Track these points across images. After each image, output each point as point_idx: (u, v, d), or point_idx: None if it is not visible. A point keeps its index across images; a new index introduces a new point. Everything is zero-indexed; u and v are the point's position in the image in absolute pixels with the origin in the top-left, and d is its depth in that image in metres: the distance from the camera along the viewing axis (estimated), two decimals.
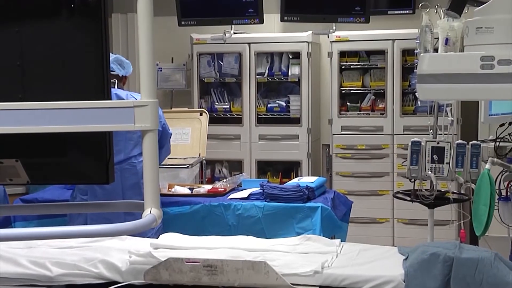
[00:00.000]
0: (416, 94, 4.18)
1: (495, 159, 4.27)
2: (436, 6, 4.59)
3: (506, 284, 2.68)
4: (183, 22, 6.77)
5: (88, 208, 3.60)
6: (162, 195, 4.24)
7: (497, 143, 4.40)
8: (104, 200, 3.74)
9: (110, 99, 2.08)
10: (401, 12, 6.68)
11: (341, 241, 3.33)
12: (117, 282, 2.73)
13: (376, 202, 6.59)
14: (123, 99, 4.19)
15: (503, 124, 4.41)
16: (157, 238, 3.21)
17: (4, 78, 2.06)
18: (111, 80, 4.10)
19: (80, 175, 2.28)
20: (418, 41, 4.70)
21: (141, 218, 2.02)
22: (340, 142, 6.77)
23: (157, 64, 7.11)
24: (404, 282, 2.69)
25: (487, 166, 4.14)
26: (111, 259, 2.82)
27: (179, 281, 2.66)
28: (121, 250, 2.94)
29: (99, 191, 4.04)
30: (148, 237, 3.41)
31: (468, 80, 2.16)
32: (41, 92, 2.01)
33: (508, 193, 4.42)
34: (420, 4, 5.00)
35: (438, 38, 4.75)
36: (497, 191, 4.33)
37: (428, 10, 4.80)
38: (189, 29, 6.89)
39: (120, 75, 4.64)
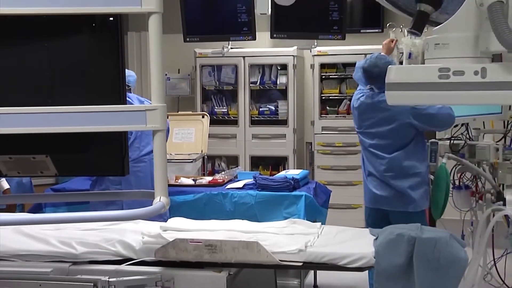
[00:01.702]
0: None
1: (450, 155, 4.29)
2: (401, 26, 4.60)
3: (459, 259, 2.69)
4: (188, 39, 6.81)
5: (107, 196, 3.61)
6: (169, 185, 4.20)
7: (452, 141, 4.41)
8: (137, 188, 3.76)
9: (126, 103, 2.07)
10: (372, 30, 6.69)
11: (322, 224, 3.33)
12: (132, 259, 2.73)
13: (351, 190, 6.60)
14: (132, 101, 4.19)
15: (457, 125, 4.42)
16: (166, 222, 3.20)
17: (36, 86, 2.05)
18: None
19: (100, 168, 2.28)
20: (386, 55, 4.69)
21: (152, 205, 2.02)
22: (321, 140, 6.78)
23: (166, 74, 7.09)
24: (374, 258, 2.70)
25: (444, 160, 4.15)
26: (127, 240, 2.81)
27: (184, 258, 2.66)
28: (135, 232, 2.93)
29: (133, 180, 4.00)
30: (158, 221, 3.41)
31: (428, 88, 2.16)
32: (67, 98, 2.01)
33: (460, 183, 4.44)
34: (388, 24, 5.02)
35: (403, 53, 4.76)
36: (452, 181, 4.35)
37: (394, 29, 4.80)
38: (193, 45, 6.90)
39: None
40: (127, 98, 4.22)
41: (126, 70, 4.59)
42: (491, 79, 2.05)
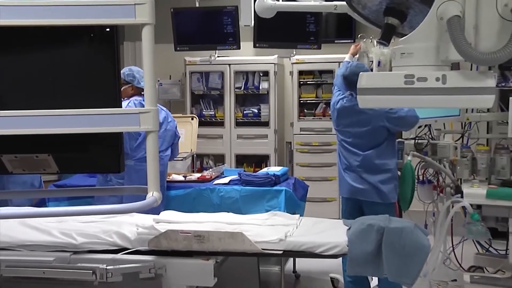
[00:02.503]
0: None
1: (415, 153, 4.32)
2: (371, 37, 4.61)
3: (423, 246, 2.71)
4: (178, 48, 6.81)
5: (105, 191, 3.59)
6: None
7: (416, 141, 4.44)
8: (139, 183, 3.75)
9: (121, 107, 2.06)
10: (345, 41, 6.71)
11: (300, 216, 3.35)
12: (127, 249, 2.72)
13: (326, 185, 6.62)
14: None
15: (420, 126, 4.45)
16: (158, 214, 3.20)
17: (39, 91, 2.04)
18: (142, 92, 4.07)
19: (98, 166, 2.27)
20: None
21: (145, 199, 2.02)
22: (299, 140, 6.80)
23: (158, 80, 7.08)
24: (347, 246, 2.71)
25: (409, 158, 4.18)
26: (123, 231, 2.80)
27: (175, 248, 2.66)
28: (130, 224, 2.92)
29: (134, 175, 3.98)
30: (151, 214, 3.40)
31: (395, 92, 2.17)
32: (68, 101, 2.00)
33: (424, 178, 4.48)
34: (359, 35, 5.03)
35: (373, 61, 4.78)
36: (416, 176, 4.38)
37: (365, 40, 4.82)
38: (183, 53, 6.90)
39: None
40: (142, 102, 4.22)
41: (135, 67, 4.45)
42: (450, 85, 2.06)
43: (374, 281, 4.22)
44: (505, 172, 4.29)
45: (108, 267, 2.54)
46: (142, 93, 4.15)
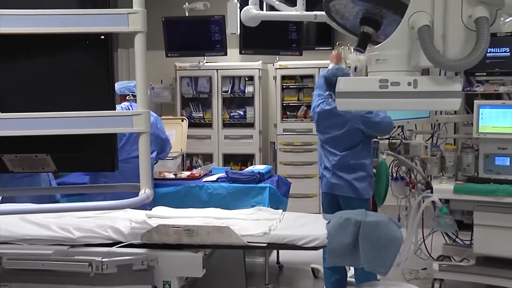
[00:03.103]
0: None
1: (389, 152, 4.35)
2: (348, 44, 4.63)
3: (396, 238, 2.72)
4: (169, 54, 6.81)
5: (99, 189, 3.57)
6: (154, 179, 4.21)
7: (390, 140, 4.47)
8: (119, 182, 3.74)
9: (115, 109, 2.06)
10: (324, 48, 6.73)
11: (283, 211, 3.34)
12: (121, 242, 2.71)
13: (307, 182, 6.64)
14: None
15: (394, 127, 4.48)
16: (150, 210, 3.18)
17: (38, 94, 2.03)
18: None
19: (93, 165, 2.26)
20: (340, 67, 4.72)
21: (138, 196, 2.01)
22: (282, 140, 6.81)
23: (151, 85, 7.07)
24: (327, 239, 2.71)
25: (384, 156, 4.21)
26: (117, 225, 2.79)
27: (166, 241, 2.65)
28: (124, 219, 2.91)
29: (118, 176, 3.95)
30: (144, 209, 3.38)
31: (370, 96, 2.18)
32: (65, 104, 1.99)
33: (397, 175, 4.51)
34: (337, 43, 5.05)
35: (350, 66, 4.80)
36: (390, 174, 4.41)
37: (342, 47, 4.84)
38: (173, 59, 6.89)
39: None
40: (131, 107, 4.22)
41: (130, 81, 4.51)
42: (421, 89, 2.08)
43: (351, 270, 4.25)
44: (470, 169, 4.34)
45: (103, 260, 2.53)
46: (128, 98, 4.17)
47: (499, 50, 4.31)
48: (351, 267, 4.16)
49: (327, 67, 4.45)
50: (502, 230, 4.08)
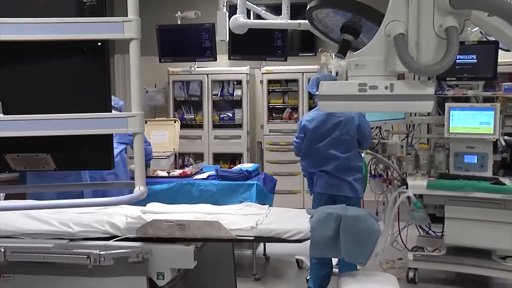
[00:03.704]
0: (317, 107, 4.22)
1: (368, 150, 4.37)
2: (330, 51, 4.66)
3: (374, 231, 2.74)
4: (162, 60, 6.80)
5: (97, 186, 3.55)
6: (147, 176, 4.18)
7: None
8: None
9: (111, 111, 2.05)
10: (307, 54, 6.76)
11: (269, 206, 3.34)
12: (117, 236, 2.70)
13: (292, 179, 6.66)
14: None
15: (372, 128, 4.50)
16: (145, 206, 3.17)
17: (38, 98, 2.02)
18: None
19: (91, 163, 2.25)
20: (318, 73, 4.74)
21: (133, 193, 2.01)
22: (269, 140, 6.82)
23: (145, 88, 7.05)
24: (310, 232, 2.72)
25: (363, 155, 4.23)
26: (114, 220, 2.78)
27: (160, 235, 2.64)
28: (120, 214, 2.90)
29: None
30: (138, 205, 3.37)
31: (350, 99, 2.18)
32: (64, 107, 1.98)
33: (375, 172, 4.54)
34: (320, 49, 5.07)
35: (331, 71, 4.81)
36: (369, 171, 4.44)
37: (325, 53, 4.86)
38: (166, 65, 6.87)
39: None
40: None
41: (114, 98, 4.47)
42: (397, 92, 2.09)
43: (334, 261, 4.26)
44: (442, 167, 4.38)
45: (100, 253, 2.51)
46: None
47: (467, 57, 4.35)
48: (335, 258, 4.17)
49: (309, 72, 4.46)
50: (470, 222, 4.13)
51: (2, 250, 2.53)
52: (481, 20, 2.06)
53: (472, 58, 4.35)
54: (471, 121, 4.27)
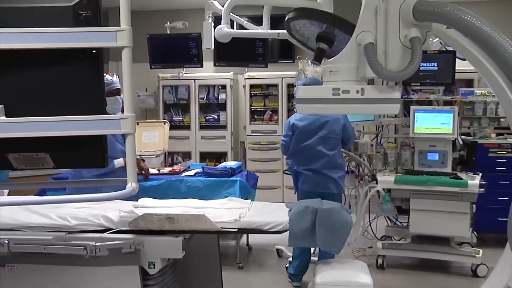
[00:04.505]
0: (295, 110, 4.24)
1: (341, 149, 4.39)
2: (306, 58, 4.67)
3: (347, 222, 2.75)
4: (153, 66, 6.76)
5: (92, 183, 3.51)
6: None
7: None
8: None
9: (105, 114, 2.03)
10: (286, 61, 6.78)
11: (251, 200, 3.34)
12: (112, 229, 2.67)
13: (272, 176, 6.67)
14: None
15: None
16: (137, 201, 3.15)
17: (38, 101, 2.00)
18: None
19: (87, 162, 2.23)
20: (296, 79, 4.76)
21: (125, 189, 2.00)
22: (251, 140, 6.83)
23: (137, 92, 7.00)
24: (289, 224, 2.72)
25: None
26: (108, 214, 2.75)
27: (150, 228, 2.62)
28: (114, 209, 2.87)
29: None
30: (131, 201, 3.35)
31: (325, 102, 2.19)
32: (62, 109, 1.96)
33: (348, 169, 4.57)
34: (297, 57, 5.09)
35: (308, 77, 4.82)
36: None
37: (302, 60, 4.88)
38: (157, 71, 6.84)
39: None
40: None
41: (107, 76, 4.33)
42: (367, 96, 2.10)
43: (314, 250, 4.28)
44: (407, 163, 4.44)
45: (96, 244, 2.50)
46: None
47: (429, 64, 4.42)
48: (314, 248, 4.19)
49: (288, 77, 4.47)
50: (433, 213, 4.19)
51: (6, 241, 2.51)
52: (440, 31, 2.09)
53: (433, 66, 4.42)
54: (433, 122, 4.32)
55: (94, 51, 1.98)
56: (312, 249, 4.22)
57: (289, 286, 4.09)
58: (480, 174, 4.24)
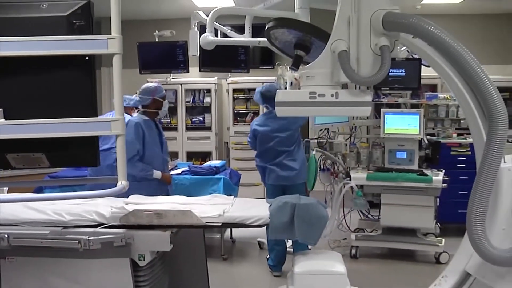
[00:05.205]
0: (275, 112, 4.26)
1: (318, 148, 4.44)
2: (285, 64, 4.68)
3: (323, 216, 2.75)
4: (142, 72, 6.70)
5: (85, 181, 3.49)
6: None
7: (318, 140, 4.56)
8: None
9: (97, 116, 2.02)
10: (266, 67, 6.80)
11: (235, 197, 3.34)
12: (104, 224, 2.65)
13: (254, 174, 6.61)
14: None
15: (321, 129, 4.57)
16: (127, 198, 3.13)
17: (35, 105, 1.98)
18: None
19: (80, 161, 2.21)
20: (275, 83, 4.77)
21: (116, 187, 1.99)
22: (234, 140, 6.82)
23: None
24: (269, 218, 2.73)
25: (314, 152, 4.29)
26: (101, 210, 2.72)
27: (140, 223, 2.61)
28: (106, 205, 2.84)
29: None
30: (122, 197, 3.32)
31: (303, 105, 2.21)
32: (57, 112, 1.95)
33: (324, 167, 4.60)
34: (277, 63, 5.10)
35: (287, 81, 4.83)
36: (319, 166, 4.50)
37: (281, 66, 4.88)
38: (146, 76, 6.78)
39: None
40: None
41: (126, 97, 4.37)
42: (341, 99, 2.13)
43: (289, 242, 4.30)
44: (378, 161, 4.49)
45: (90, 238, 2.48)
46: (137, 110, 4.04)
47: (397, 71, 4.48)
48: (289, 240, 4.21)
49: (268, 82, 4.48)
50: (401, 207, 4.25)
51: (6, 236, 2.50)
52: (407, 40, 2.12)
53: (401, 72, 4.48)
54: (401, 124, 4.38)
55: (87, 58, 1.97)
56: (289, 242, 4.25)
57: (269, 276, 4.10)
58: (443, 170, 4.31)
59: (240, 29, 3.16)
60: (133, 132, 3.83)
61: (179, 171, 4.67)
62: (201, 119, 6.94)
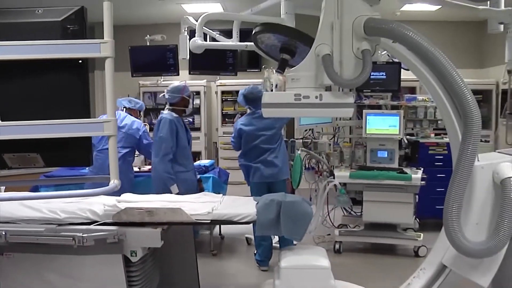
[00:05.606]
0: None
1: (303, 148, 4.45)
2: (271, 67, 4.68)
3: (308, 213, 2.76)
4: (134, 75, 6.66)
5: (79, 180, 3.46)
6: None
7: (303, 140, 4.57)
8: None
9: (90, 117, 2.01)
10: (254, 70, 6.79)
11: (223, 195, 3.34)
12: (97, 221, 2.63)
13: (242, 173, 6.65)
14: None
15: (306, 130, 4.58)
16: (120, 196, 3.11)
17: (31, 107, 1.97)
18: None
19: (74, 161, 2.20)
20: (262, 86, 4.76)
21: (108, 185, 1.98)
22: (222, 140, 6.81)
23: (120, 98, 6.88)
24: (256, 215, 2.73)
25: (299, 152, 4.30)
26: (94, 208, 2.70)
27: (132, 220, 2.60)
28: (99, 203, 2.82)
29: (95, 162, 3.84)
30: (114, 196, 3.30)
31: (288, 106, 2.22)
32: (52, 114, 1.93)
33: (309, 166, 4.62)
34: (263, 66, 5.09)
35: (273, 84, 4.83)
36: (304, 165, 4.51)
37: (267, 69, 4.88)
38: (138, 79, 6.76)
39: (129, 107, 4.60)
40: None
41: (131, 98, 4.46)
42: (325, 101, 2.14)
43: (275, 238, 4.31)
44: (360, 160, 4.52)
45: (83, 235, 2.47)
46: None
47: (379, 74, 4.52)
48: (275, 236, 4.22)
49: (255, 84, 4.48)
50: (382, 204, 4.28)
51: (3, 233, 2.49)
52: (387, 45, 2.15)
53: (382, 75, 4.52)
54: (382, 124, 4.42)
55: (81, 61, 1.96)
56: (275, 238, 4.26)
57: (257, 270, 4.11)
58: (422, 169, 4.36)
59: (228, 34, 3.16)
60: (168, 128, 3.83)
61: None
62: (191, 120, 6.92)
